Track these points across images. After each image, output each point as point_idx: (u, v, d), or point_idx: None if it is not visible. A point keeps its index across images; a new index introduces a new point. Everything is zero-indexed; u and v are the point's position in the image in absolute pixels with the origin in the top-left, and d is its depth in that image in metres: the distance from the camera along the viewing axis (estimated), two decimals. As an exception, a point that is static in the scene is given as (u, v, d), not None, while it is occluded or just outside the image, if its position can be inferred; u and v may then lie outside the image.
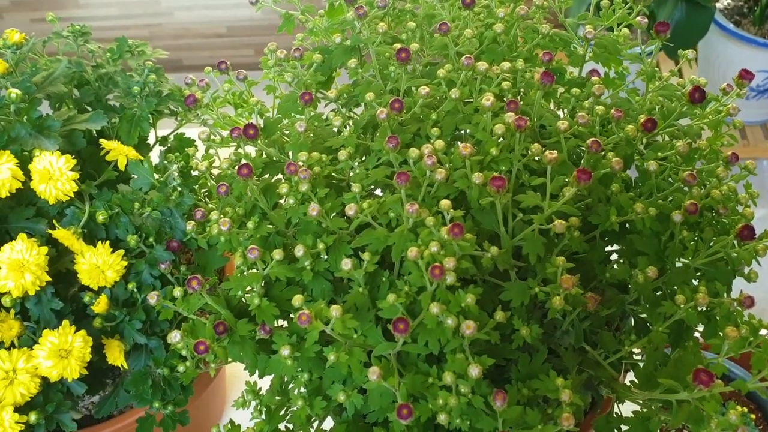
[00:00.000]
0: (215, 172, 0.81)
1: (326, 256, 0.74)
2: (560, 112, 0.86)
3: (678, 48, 2.10)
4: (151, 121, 0.97)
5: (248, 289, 0.73)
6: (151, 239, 0.79)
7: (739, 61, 2.19)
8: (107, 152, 0.82)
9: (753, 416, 1.12)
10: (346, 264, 0.68)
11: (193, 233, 0.78)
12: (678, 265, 0.76)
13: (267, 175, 0.80)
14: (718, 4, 2.22)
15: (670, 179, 0.77)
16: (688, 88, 0.81)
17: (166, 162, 0.86)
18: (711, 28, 2.10)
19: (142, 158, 0.83)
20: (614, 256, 0.82)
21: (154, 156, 1.01)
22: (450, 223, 0.67)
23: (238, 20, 2.77)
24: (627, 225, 0.77)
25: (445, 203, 0.66)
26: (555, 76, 0.72)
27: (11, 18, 2.74)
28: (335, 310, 0.64)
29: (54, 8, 2.78)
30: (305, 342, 0.70)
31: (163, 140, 1.01)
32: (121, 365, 0.77)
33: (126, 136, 0.89)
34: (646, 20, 0.81)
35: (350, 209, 0.68)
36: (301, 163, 0.75)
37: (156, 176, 0.84)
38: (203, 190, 0.89)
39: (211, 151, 0.86)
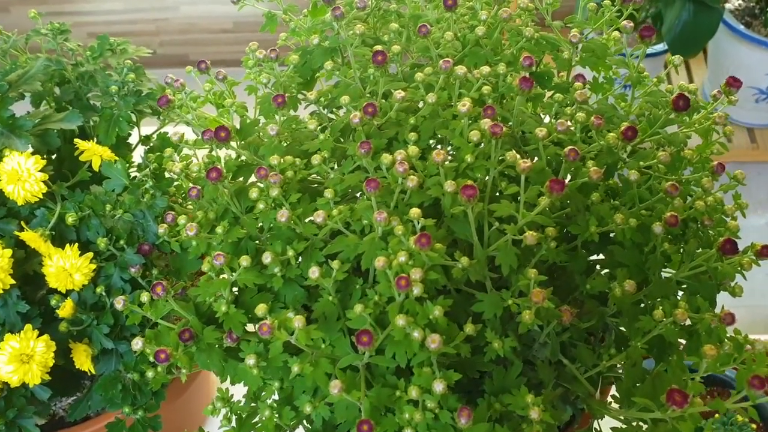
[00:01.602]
0: (193, 173, 0.79)
1: (298, 263, 0.72)
2: (547, 118, 0.83)
3: (685, 50, 2.06)
4: (134, 119, 0.96)
5: (217, 295, 0.71)
6: (122, 242, 0.78)
7: (749, 64, 2.15)
8: (82, 152, 0.81)
9: (753, 426, 1.09)
10: (314, 272, 0.67)
11: (166, 236, 0.76)
12: (665, 275, 0.74)
13: (242, 178, 0.79)
14: (728, 5, 2.18)
15: (654, 189, 0.74)
16: (675, 94, 0.79)
17: (147, 162, 0.85)
18: (720, 30, 2.07)
19: (116, 158, 0.82)
20: (599, 266, 0.79)
21: (137, 156, 1.00)
22: (420, 232, 0.66)
23: (244, 16, 2.75)
24: (611, 234, 0.75)
25: (414, 212, 0.64)
26: (534, 81, 0.70)
27: (18, 12, 2.75)
28: (298, 321, 0.63)
29: (61, 2, 2.78)
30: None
31: (146, 139, 0.99)
32: (89, 370, 0.75)
33: (104, 136, 0.88)
34: (632, 24, 0.78)
35: (318, 216, 0.67)
36: (274, 166, 0.73)
37: (140, 174, 0.83)
38: (182, 192, 0.87)
39: (190, 152, 0.84)
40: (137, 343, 0.67)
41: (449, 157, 0.78)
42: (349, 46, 0.78)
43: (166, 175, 0.83)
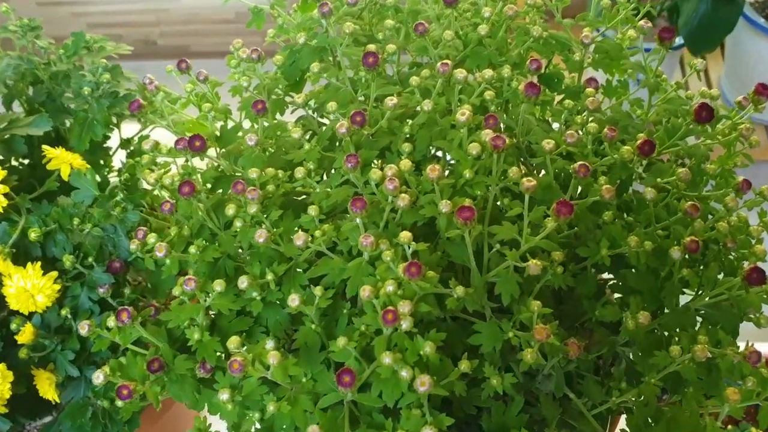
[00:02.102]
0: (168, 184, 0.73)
1: (279, 286, 0.66)
2: (556, 125, 0.76)
3: (702, 44, 1.98)
4: (114, 122, 0.90)
5: (189, 321, 0.65)
6: (90, 259, 0.71)
7: (770, 59, 2.06)
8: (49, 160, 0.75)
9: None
10: (294, 300, 0.60)
11: (139, 252, 0.70)
12: (683, 299, 0.67)
13: (221, 190, 0.72)
14: (747, -2, 2.09)
15: (672, 207, 0.67)
16: (696, 102, 0.72)
17: (123, 169, 0.79)
18: (740, 24, 1.98)
19: (87, 167, 0.75)
20: (610, 288, 0.73)
21: (118, 161, 0.93)
22: (411, 257, 0.59)
23: (246, 6, 2.68)
24: (624, 253, 0.68)
25: (405, 236, 0.58)
26: (542, 86, 0.63)
27: (16, 2, 2.68)
28: (273, 357, 0.56)
29: (60, -9, 2.72)
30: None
31: (126, 143, 0.93)
32: (53, 398, 0.69)
33: (77, 141, 0.82)
34: (650, 24, 0.71)
35: (298, 239, 0.60)
36: (253, 179, 0.66)
37: (112, 184, 0.77)
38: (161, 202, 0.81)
39: (169, 160, 0.78)
40: (98, 377, 0.61)
41: (448, 169, 0.71)
42: (339, 45, 0.71)
43: (145, 184, 0.76)
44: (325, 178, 0.72)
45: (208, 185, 0.71)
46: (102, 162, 0.92)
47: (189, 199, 0.65)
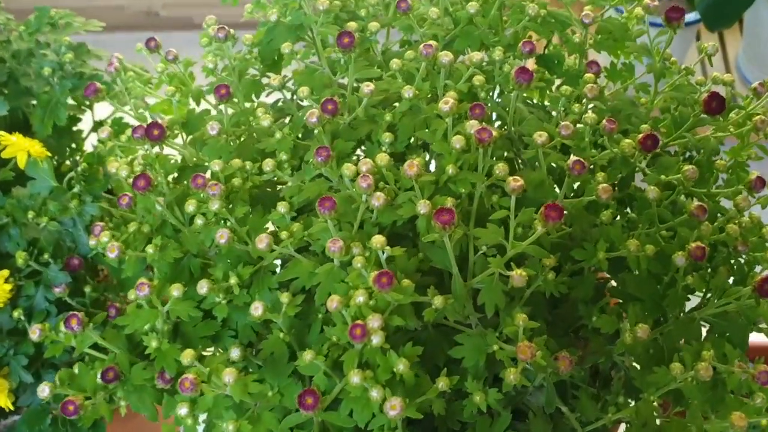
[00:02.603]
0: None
1: (247, 289, 0.61)
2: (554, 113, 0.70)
3: (720, 20, 1.90)
4: (88, 103, 0.84)
5: (147, 327, 0.60)
6: (46, 256, 0.66)
7: (790, 35, 1.97)
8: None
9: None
10: (257, 309, 0.55)
11: (99, 248, 0.64)
12: (689, 303, 0.62)
13: (186, 182, 0.66)
14: (767, -31, 2.00)
15: (678, 204, 0.61)
16: (707, 88, 0.66)
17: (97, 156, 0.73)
18: (758, -3, 1.89)
19: (47, 155, 0.70)
20: (608, 291, 0.67)
21: (89, 145, 0.88)
22: (386, 262, 0.53)
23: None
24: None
25: (377, 240, 0.52)
26: (533, 74, 0.57)
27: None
28: (229, 375, 0.51)
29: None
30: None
31: (98, 125, 0.87)
32: (6, 406, 0.65)
33: (39, 125, 0.76)
34: (656, 2, 0.64)
35: (260, 241, 0.54)
36: (216, 172, 0.61)
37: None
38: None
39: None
40: (44, 390, 0.56)
41: (433, 162, 0.66)
42: (314, 24, 0.65)
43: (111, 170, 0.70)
44: (303, 167, 0.66)
45: (175, 174, 0.65)
46: (73, 146, 0.86)
47: (145, 194, 0.59)
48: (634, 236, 0.58)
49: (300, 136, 0.66)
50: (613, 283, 0.65)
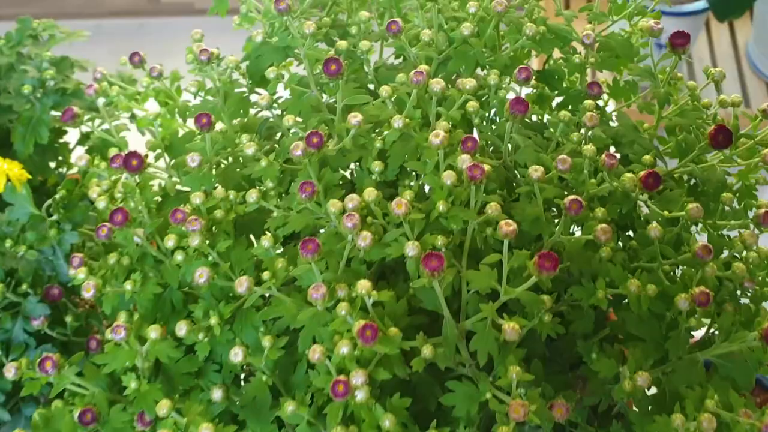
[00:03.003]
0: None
1: (230, 325, 0.58)
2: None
3: (729, 9, 1.85)
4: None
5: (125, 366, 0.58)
6: (24, 286, 0.64)
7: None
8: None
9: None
10: (237, 355, 0.52)
11: (77, 282, 0.62)
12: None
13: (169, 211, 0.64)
14: (779, -43, 1.94)
15: (681, 238, 0.58)
16: (713, 112, 0.62)
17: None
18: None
19: (26, 177, 0.67)
20: (608, 326, 0.64)
21: (75, 158, 0.85)
22: (373, 308, 0.51)
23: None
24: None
25: (363, 285, 0.50)
26: (529, 105, 0.54)
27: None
28: (206, 430, 0.49)
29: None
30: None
31: (85, 138, 0.85)
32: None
33: (20, 144, 0.74)
34: (661, 26, 0.61)
35: (240, 285, 0.52)
36: (197, 206, 0.58)
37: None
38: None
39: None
40: (16, 437, 0.54)
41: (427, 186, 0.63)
42: (301, 46, 0.62)
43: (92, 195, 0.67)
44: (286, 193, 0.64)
45: (150, 208, 0.62)
46: (60, 158, 0.84)
47: (122, 229, 0.57)
48: (635, 274, 0.55)
49: (289, 158, 0.64)
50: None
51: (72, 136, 0.87)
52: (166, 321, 0.62)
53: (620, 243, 0.63)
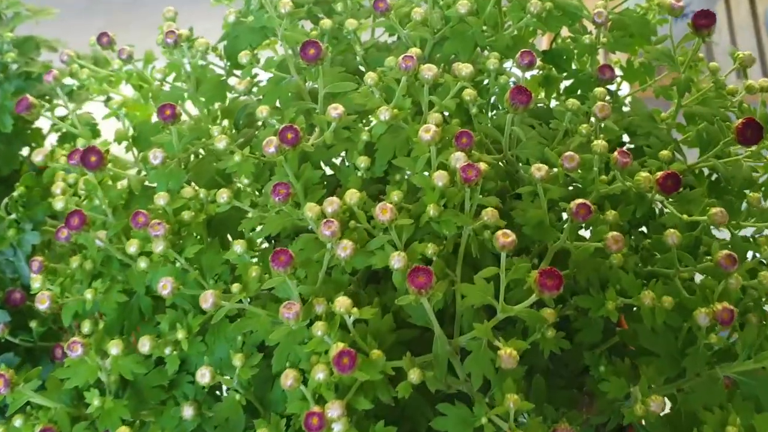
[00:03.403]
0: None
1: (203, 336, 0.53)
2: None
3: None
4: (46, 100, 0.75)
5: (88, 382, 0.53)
6: (-19, 291, 0.59)
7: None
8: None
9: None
10: (203, 376, 0.47)
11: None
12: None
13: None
14: None
15: (701, 241, 0.52)
16: (740, 98, 0.56)
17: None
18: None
19: (-15, 171, 0.62)
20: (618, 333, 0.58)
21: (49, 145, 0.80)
22: (354, 326, 0.45)
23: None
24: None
25: (342, 303, 0.44)
26: (531, 95, 0.47)
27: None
28: (166, 466, 0.44)
29: None
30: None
31: (57, 125, 0.79)
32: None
33: (-18, 132, 0.68)
34: (682, 4, 0.54)
35: (205, 301, 0.46)
36: (161, 207, 0.52)
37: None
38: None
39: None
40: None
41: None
42: (278, 27, 0.55)
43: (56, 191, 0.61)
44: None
45: (117, 206, 0.56)
46: (33, 145, 0.78)
47: (80, 233, 0.51)
48: (650, 284, 0.49)
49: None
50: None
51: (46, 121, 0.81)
52: (134, 330, 0.57)
53: (633, 240, 0.57)
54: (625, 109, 0.64)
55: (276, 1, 0.53)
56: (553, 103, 0.66)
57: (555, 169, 0.50)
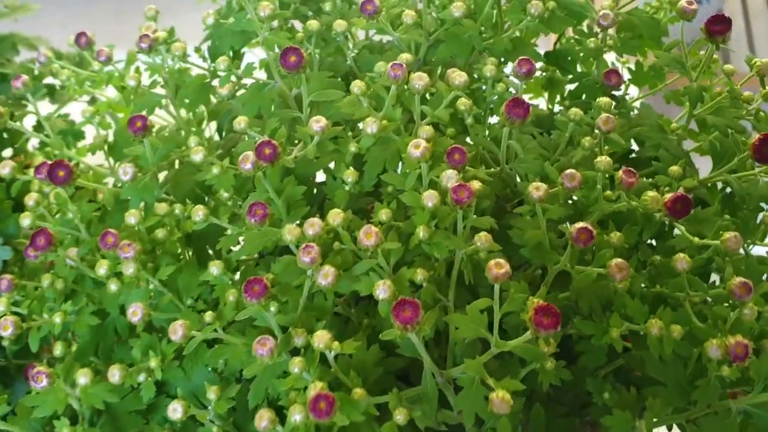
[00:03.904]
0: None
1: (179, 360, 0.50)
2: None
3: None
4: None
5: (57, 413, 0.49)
6: (-51, 310, 0.55)
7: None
8: None
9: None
10: (175, 411, 0.44)
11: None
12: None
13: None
14: None
15: (715, 263, 0.49)
16: (756, 105, 0.52)
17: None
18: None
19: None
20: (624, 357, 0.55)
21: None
22: (335, 360, 0.42)
23: None
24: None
25: (321, 338, 0.40)
26: (530, 108, 0.44)
27: None
28: None
29: None
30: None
31: (39, 127, 0.75)
32: None
33: (-46, 137, 0.65)
34: (695, 7, 0.50)
35: (174, 333, 0.43)
36: (132, 225, 0.49)
37: None
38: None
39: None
40: None
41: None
42: (259, 30, 0.51)
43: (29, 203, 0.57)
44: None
45: (89, 221, 0.53)
46: (16, 146, 0.75)
47: (46, 253, 0.48)
48: (657, 311, 0.46)
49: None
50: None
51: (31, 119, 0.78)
52: (110, 351, 0.54)
53: (639, 255, 0.54)
54: (633, 112, 0.60)
55: (256, 2, 0.50)
56: (557, 108, 0.63)
57: (555, 188, 0.46)
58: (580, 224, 0.42)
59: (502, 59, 0.56)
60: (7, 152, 0.75)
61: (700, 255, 0.47)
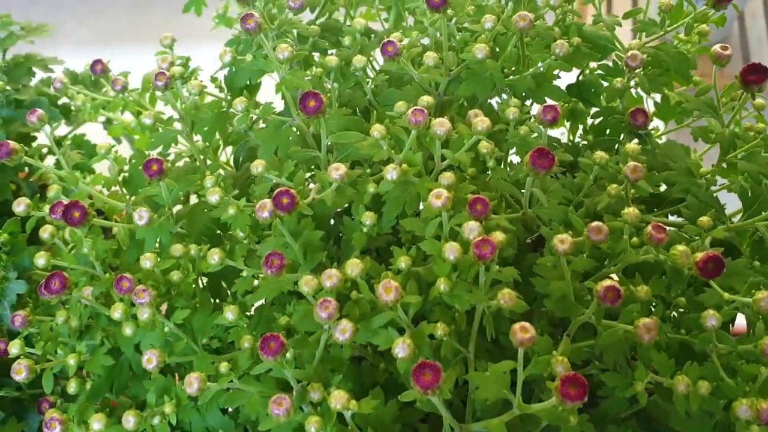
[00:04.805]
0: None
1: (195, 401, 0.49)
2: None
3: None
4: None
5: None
6: (-38, 343, 0.55)
7: None
8: None
9: None
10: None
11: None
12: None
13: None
14: None
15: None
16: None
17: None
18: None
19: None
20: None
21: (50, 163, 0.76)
22: (353, 420, 0.41)
23: None
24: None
25: (338, 398, 0.40)
26: (554, 158, 0.42)
27: None
28: None
29: None
30: None
31: (57, 145, 0.75)
32: None
33: (-30, 165, 0.64)
34: (729, 53, 0.48)
35: (189, 386, 0.42)
36: (147, 269, 0.48)
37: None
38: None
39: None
40: None
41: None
42: (277, 70, 0.50)
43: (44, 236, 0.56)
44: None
45: (104, 260, 0.52)
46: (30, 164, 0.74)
47: (60, 296, 0.47)
48: (684, 366, 0.44)
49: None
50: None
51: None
52: (124, 389, 0.53)
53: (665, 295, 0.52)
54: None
55: (275, 43, 0.48)
56: (578, 139, 0.61)
57: (580, 236, 0.45)
58: (607, 283, 0.41)
59: (524, 94, 0.54)
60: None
61: (728, 307, 0.45)
